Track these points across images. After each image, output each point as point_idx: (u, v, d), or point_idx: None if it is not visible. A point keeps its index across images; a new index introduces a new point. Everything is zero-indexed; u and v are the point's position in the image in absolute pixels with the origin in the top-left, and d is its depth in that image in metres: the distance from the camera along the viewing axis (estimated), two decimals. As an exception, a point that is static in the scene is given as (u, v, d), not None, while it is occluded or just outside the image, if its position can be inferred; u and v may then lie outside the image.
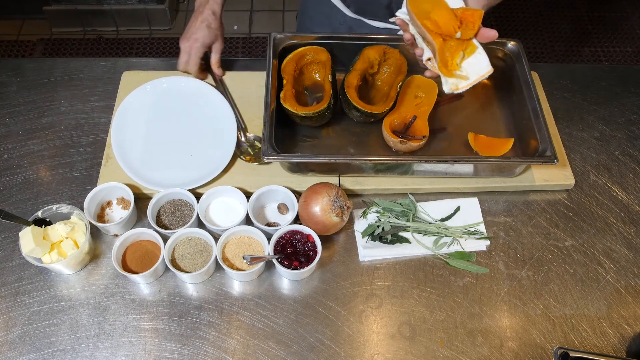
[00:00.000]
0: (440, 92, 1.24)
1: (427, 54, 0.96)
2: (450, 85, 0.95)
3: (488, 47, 1.22)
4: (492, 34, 0.93)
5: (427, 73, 0.98)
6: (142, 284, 0.99)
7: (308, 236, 0.99)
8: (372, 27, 1.31)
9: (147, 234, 1.00)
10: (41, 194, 1.09)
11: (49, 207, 0.99)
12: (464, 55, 0.96)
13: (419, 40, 0.98)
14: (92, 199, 1.02)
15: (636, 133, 1.25)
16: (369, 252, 1.03)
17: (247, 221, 1.03)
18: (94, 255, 1.02)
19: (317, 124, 1.16)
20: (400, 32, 1.17)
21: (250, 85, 1.25)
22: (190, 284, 0.99)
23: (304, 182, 1.09)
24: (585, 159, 1.20)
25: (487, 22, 0.97)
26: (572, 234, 1.09)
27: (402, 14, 0.99)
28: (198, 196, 1.05)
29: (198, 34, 1.16)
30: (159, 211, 1.05)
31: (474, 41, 0.95)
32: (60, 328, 0.94)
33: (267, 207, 1.08)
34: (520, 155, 1.14)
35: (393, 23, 1.15)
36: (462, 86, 0.95)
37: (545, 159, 1.05)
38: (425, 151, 1.15)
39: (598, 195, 1.14)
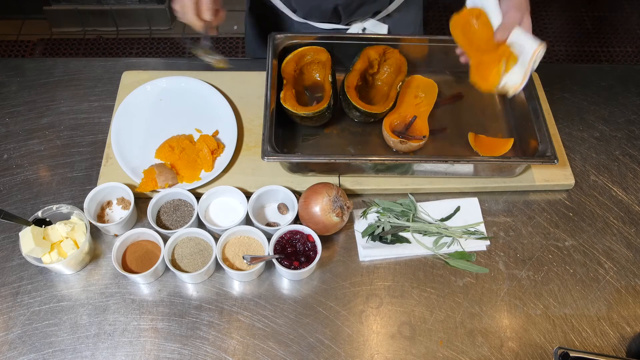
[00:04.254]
0: (440, 92, 1.24)
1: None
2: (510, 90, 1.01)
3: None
4: (497, 37, 0.98)
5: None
6: (142, 284, 0.99)
7: (308, 236, 0.99)
8: (318, 28, 1.31)
9: (147, 234, 1.00)
10: (41, 194, 1.09)
11: (49, 207, 0.99)
12: (505, 68, 0.99)
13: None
14: (92, 199, 1.02)
15: (636, 133, 1.25)
16: (369, 252, 1.03)
17: (247, 221, 1.03)
18: (94, 255, 1.02)
19: (317, 124, 1.16)
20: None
21: (250, 85, 1.25)
22: (190, 284, 0.99)
23: (304, 182, 1.09)
24: (585, 159, 1.20)
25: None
26: (572, 234, 1.09)
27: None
28: (198, 196, 1.05)
29: None
30: (159, 211, 1.05)
31: (514, 52, 0.99)
32: (60, 328, 0.94)
33: (267, 207, 1.08)
34: (520, 155, 1.14)
35: (338, 22, 1.22)
36: (515, 88, 1.00)
37: (545, 159, 1.05)
38: (425, 151, 1.15)
39: (598, 195, 1.14)
